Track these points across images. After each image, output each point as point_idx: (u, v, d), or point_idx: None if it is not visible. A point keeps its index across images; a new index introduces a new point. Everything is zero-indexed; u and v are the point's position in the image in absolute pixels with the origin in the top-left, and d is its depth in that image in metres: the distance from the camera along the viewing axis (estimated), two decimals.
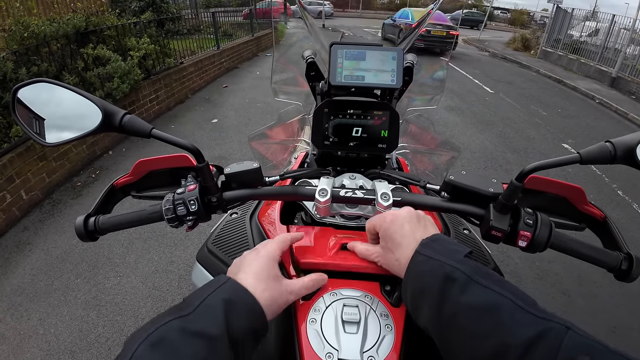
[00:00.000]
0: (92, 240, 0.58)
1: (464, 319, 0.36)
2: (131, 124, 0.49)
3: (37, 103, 0.48)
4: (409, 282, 0.43)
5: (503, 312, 0.35)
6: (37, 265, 2.18)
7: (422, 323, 0.42)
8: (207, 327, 0.37)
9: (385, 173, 0.71)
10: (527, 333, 0.32)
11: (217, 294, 0.41)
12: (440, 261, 0.41)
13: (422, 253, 0.43)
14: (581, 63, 8.83)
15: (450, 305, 0.37)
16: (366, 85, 0.64)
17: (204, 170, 0.55)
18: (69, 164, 3.07)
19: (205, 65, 5.87)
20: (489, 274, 0.39)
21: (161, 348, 0.34)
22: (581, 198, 0.58)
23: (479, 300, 0.36)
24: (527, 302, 0.35)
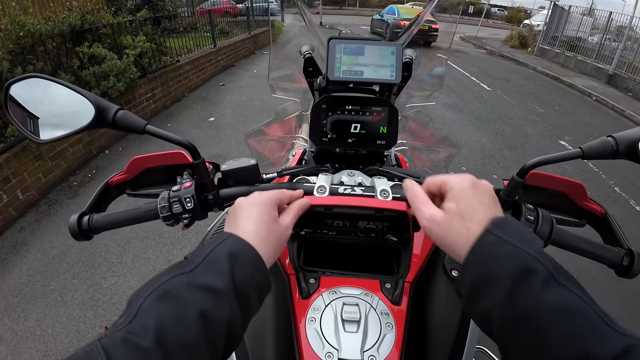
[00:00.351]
0: (86, 240, 0.57)
1: (541, 318, 0.33)
2: (125, 120, 0.48)
3: (29, 99, 0.47)
4: (472, 263, 0.38)
5: (588, 320, 0.32)
6: (34, 266, 2.16)
7: (479, 310, 0.37)
8: (213, 280, 0.37)
9: (384, 169, 0.70)
10: (613, 347, 0.30)
11: (220, 249, 0.40)
12: (519, 247, 0.36)
13: (494, 233, 0.38)
14: (578, 60, 8.85)
15: (526, 300, 0.34)
16: (365, 81, 0.63)
17: (200, 167, 0.54)
18: (65, 163, 3.05)
19: (201, 64, 5.84)
20: (569, 275, 0.35)
21: (168, 300, 0.34)
22: (581, 194, 0.58)
23: (563, 301, 0.33)
24: (605, 314, 0.33)
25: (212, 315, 0.35)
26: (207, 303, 0.35)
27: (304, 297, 0.52)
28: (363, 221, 0.58)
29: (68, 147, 3.07)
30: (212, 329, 0.35)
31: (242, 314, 0.39)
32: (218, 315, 0.35)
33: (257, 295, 0.41)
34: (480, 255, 0.38)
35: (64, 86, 0.47)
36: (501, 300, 0.35)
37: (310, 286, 0.54)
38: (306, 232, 0.64)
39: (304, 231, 0.64)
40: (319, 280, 0.55)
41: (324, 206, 0.55)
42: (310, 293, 0.53)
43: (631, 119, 5.66)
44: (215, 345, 0.35)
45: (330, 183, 0.61)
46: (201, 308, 0.34)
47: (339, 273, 0.58)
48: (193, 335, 0.33)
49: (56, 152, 2.94)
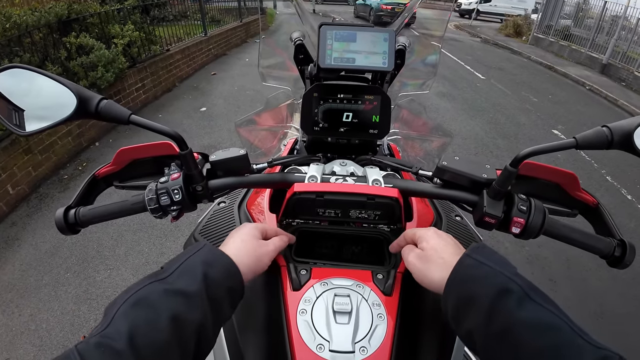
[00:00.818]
0: (73, 233, 0.56)
1: (518, 335, 0.34)
2: (108, 110, 0.47)
3: (11, 91, 0.46)
4: (453, 285, 0.41)
5: (563, 334, 0.34)
6: (27, 261, 2.14)
7: (463, 331, 0.40)
8: (186, 285, 0.39)
9: (377, 159, 0.69)
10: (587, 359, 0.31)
11: (195, 257, 0.42)
12: (494, 269, 0.39)
13: (472, 256, 0.41)
14: (572, 49, 8.84)
15: (503, 318, 0.36)
16: (357, 68, 0.61)
17: (187, 157, 0.53)
18: (55, 156, 3.00)
19: (192, 53, 5.73)
20: (543, 293, 0.37)
21: (142, 305, 0.36)
22: (574, 184, 0.58)
23: (537, 318, 0.35)
24: (580, 328, 0.34)
25: (183, 318, 0.36)
26: (179, 307, 0.37)
27: (295, 288, 0.52)
28: (355, 210, 0.58)
29: (57, 140, 3.01)
30: (182, 332, 0.36)
31: (214, 318, 0.40)
32: (189, 318, 0.37)
33: (229, 300, 0.43)
34: (461, 275, 0.41)
35: (45, 76, 0.46)
36: (481, 320, 0.37)
37: (302, 277, 0.53)
38: (297, 223, 0.63)
39: (295, 222, 0.63)
40: (311, 272, 0.54)
41: (315, 193, 0.54)
42: (302, 284, 0.52)
43: (624, 109, 5.70)
44: (186, 346, 0.37)
45: (321, 173, 0.60)
46: (173, 312, 0.36)
47: (330, 264, 0.58)
48: (163, 336, 0.34)
49: (46, 145, 2.88)
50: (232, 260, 0.44)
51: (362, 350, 0.45)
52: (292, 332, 0.47)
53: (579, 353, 0.32)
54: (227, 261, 0.44)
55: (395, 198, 0.54)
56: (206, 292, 0.39)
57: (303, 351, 0.45)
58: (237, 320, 0.55)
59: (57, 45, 3.31)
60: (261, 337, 0.52)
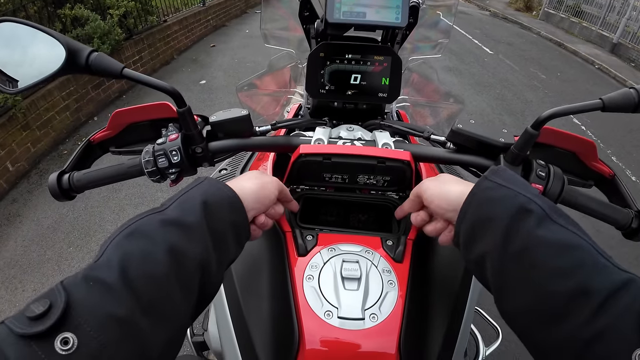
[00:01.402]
0: (68, 199, 0.54)
1: (538, 254, 0.32)
2: (99, 63, 0.43)
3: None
4: (469, 208, 0.39)
5: (586, 254, 0.31)
6: (29, 237, 2.14)
7: (474, 255, 0.38)
8: (183, 215, 0.36)
9: (386, 123, 0.65)
10: (611, 280, 0.29)
11: (195, 190, 0.40)
12: (514, 190, 0.36)
13: (490, 179, 0.39)
14: (583, 27, 8.52)
15: (522, 238, 0.34)
16: (367, 23, 0.56)
17: (186, 115, 0.50)
18: (53, 132, 2.95)
19: (190, 24, 5.52)
20: (565, 214, 0.35)
21: (137, 236, 0.33)
22: (591, 153, 0.55)
23: (558, 237, 0.33)
24: (604, 251, 0.32)
25: (182, 250, 0.33)
26: (177, 238, 0.34)
27: (301, 254, 0.50)
28: (363, 175, 0.55)
29: (55, 115, 2.95)
30: (182, 265, 0.33)
31: (218, 255, 0.37)
32: (189, 251, 0.34)
33: (234, 236, 0.40)
34: (478, 199, 0.38)
35: (32, 28, 0.43)
36: (497, 241, 0.35)
37: (308, 243, 0.51)
38: (302, 189, 0.60)
39: (300, 188, 0.61)
40: (317, 237, 0.52)
41: (322, 155, 0.51)
42: (308, 250, 0.50)
43: None
44: (188, 283, 0.34)
45: (328, 137, 0.57)
46: (170, 243, 0.33)
47: (337, 230, 0.55)
48: (161, 269, 0.31)
49: (44, 120, 2.83)
50: (235, 193, 0.41)
51: (372, 317, 0.43)
52: (298, 299, 0.45)
53: (604, 273, 0.30)
54: (230, 194, 0.41)
55: (407, 162, 0.51)
56: (207, 224, 0.36)
57: (310, 318, 0.43)
58: (240, 287, 0.54)
59: (52, 18, 3.20)
60: (265, 303, 0.50)
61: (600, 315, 0.28)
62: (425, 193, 0.45)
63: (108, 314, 0.27)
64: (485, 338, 0.93)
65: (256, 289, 0.53)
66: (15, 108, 2.49)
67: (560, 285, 0.31)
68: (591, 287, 0.29)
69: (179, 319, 0.33)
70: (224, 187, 0.42)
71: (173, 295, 0.32)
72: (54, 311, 0.25)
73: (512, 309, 0.35)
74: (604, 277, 0.30)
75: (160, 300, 0.30)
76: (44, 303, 0.25)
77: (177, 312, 0.32)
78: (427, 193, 0.45)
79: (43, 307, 0.25)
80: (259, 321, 0.49)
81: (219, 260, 0.38)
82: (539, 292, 0.32)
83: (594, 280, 0.30)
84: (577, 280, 0.30)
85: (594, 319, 0.28)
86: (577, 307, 0.29)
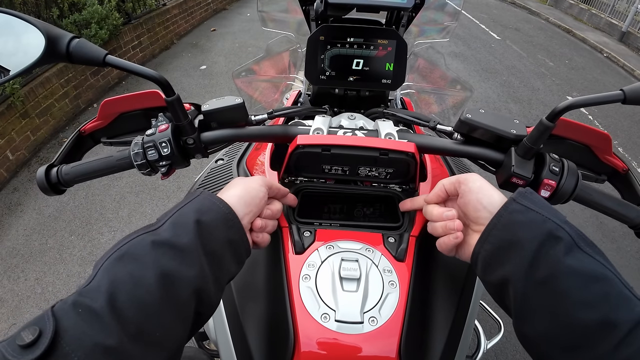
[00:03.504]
0: (57, 193, 0.52)
1: (565, 283, 0.32)
2: (80, 50, 0.40)
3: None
4: (494, 229, 0.38)
5: (612, 286, 0.31)
6: (30, 226, 2.14)
7: (495, 278, 0.37)
8: (176, 237, 0.34)
9: (389, 112, 0.62)
10: (635, 313, 0.30)
11: (188, 207, 0.38)
12: (543, 215, 0.35)
13: (519, 202, 0.37)
14: (592, 14, 8.30)
15: (550, 266, 0.33)
16: (371, 4, 0.52)
17: (174, 104, 0.47)
18: (52, 120, 2.92)
19: (190, 7, 5.40)
20: (592, 243, 0.34)
21: (127, 259, 0.31)
22: (606, 147, 0.52)
23: (586, 267, 0.32)
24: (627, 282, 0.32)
25: (174, 274, 0.31)
26: (169, 261, 0.32)
27: (298, 252, 0.47)
28: (364, 167, 0.52)
29: (54, 102, 2.92)
30: (175, 291, 0.31)
31: (215, 276, 0.35)
32: (183, 275, 0.32)
33: (232, 254, 0.38)
34: (504, 221, 0.37)
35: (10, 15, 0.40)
36: (523, 265, 0.34)
37: (305, 240, 0.49)
38: (300, 181, 0.58)
39: (298, 180, 0.58)
40: (315, 233, 0.49)
41: (321, 146, 0.48)
42: (305, 247, 0.48)
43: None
44: (182, 308, 0.32)
45: (328, 126, 0.54)
46: (162, 267, 0.31)
47: (337, 225, 0.53)
48: (152, 296, 0.30)
49: (42, 108, 2.79)
50: (229, 207, 0.39)
51: (371, 320, 0.41)
52: (294, 300, 0.43)
53: (628, 305, 0.30)
54: (225, 209, 0.39)
55: (412, 154, 0.48)
56: (201, 245, 0.34)
57: (306, 321, 0.41)
58: (236, 285, 0.52)
59: (50, 4, 3.12)
60: (261, 303, 0.48)
61: (624, 348, 0.29)
62: (474, 182, 0.43)
63: (96, 343, 0.26)
64: (486, 330, 0.92)
65: (252, 288, 0.51)
66: (14, 96, 2.46)
67: (585, 316, 0.31)
68: (615, 319, 0.30)
69: (174, 342, 0.31)
70: (218, 201, 0.39)
71: (165, 321, 0.30)
72: (42, 340, 0.25)
73: (533, 334, 0.34)
74: (628, 310, 0.30)
75: (152, 327, 0.29)
76: (33, 331, 0.25)
77: (171, 336, 0.31)
78: (475, 183, 0.43)
79: (32, 335, 0.25)
80: (254, 321, 0.48)
81: (217, 281, 0.36)
82: (563, 321, 0.32)
83: (618, 313, 0.30)
84: (603, 312, 0.30)
85: (617, 351, 0.29)
86: (601, 338, 0.30)
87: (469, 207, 0.42)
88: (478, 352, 0.87)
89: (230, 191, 0.42)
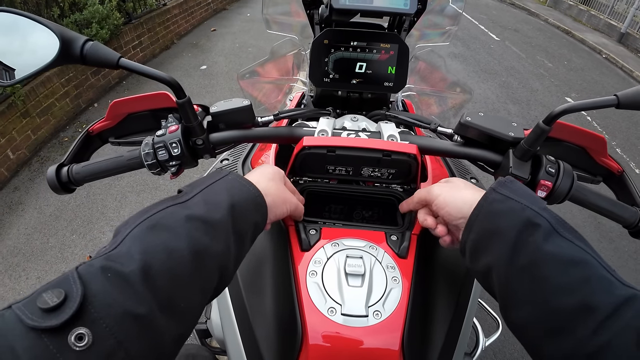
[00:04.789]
0: (67, 192, 0.53)
1: (544, 269, 0.33)
2: (94, 52, 0.42)
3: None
4: (476, 220, 0.39)
5: (591, 270, 0.32)
6: (32, 225, 2.15)
7: (481, 266, 0.38)
8: (209, 214, 0.34)
9: (392, 114, 0.64)
10: (614, 296, 0.30)
11: (220, 183, 0.38)
12: (522, 203, 0.36)
13: (498, 191, 0.38)
14: (591, 15, 8.33)
15: (529, 252, 0.34)
16: (375, 9, 0.54)
17: (185, 106, 0.48)
18: (53, 119, 2.92)
19: (190, 7, 5.41)
20: (572, 229, 0.35)
21: (159, 230, 0.31)
22: (601, 149, 0.54)
23: (564, 252, 0.33)
24: (609, 266, 0.33)
25: (206, 249, 0.32)
26: (202, 236, 0.32)
27: (304, 249, 0.49)
28: (367, 167, 0.54)
29: (55, 102, 2.92)
30: (204, 264, 0.32)
31: (237, 252, 0.37)
32: (212, 250, 0.33)
33: (252, 234, 0.40)
34: (485, 211, 0.38)
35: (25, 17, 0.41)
36: (504, 254, 0.35)
37: (311, 237, 0.50)
38: (305, 181, 0.60)
39: (303, 180, 0.60)
40: (320, 232, 0.51)
41: (326, 148, 0.50)
42: (311, 245, 0.49)
43: (639, 81, 5.45)
44: (207, 282, 0.33)
45: (332, 127, 0.56)
46: (196, 241, 0.32)
47: (341, 224, 0.55)
48: (185, 268, 0.30)
49: (43, 107, 2.80)
50: (261, 193, 0.41)
51: (375, 314, 0.43)
52: (301, 295, 0.45)
53: (608, 289, 0.31)
54: (256, 193, 0.40)
55: (413, 155, 0.50)
56: (232, 225, 0.35)
57: (314, 314, 0.43)
58: (244, 282, 0.53)
59: (50, 3, 3.13)
60: (268, 298, 0.50)
61: (603, 331, 0.29)
62: (437, 199, 0.45)
63: (126, 311, 0.25)
64: (485, 329, 0.93)
65: (259, 284, 0.53)
66: (15, 95, 2.46)
67: (565, 301, 0.31)
68: (595, 303, 0.30)
69: (193, 315, 0.32)
70: (249, 185, 0.41)
71: (191, 294, 0.31)
72: (69, 304, 0.23)
73: (517, 320, 0.35)
74: (607, 293, 0.30)
75: (179, 299, 0.30)
76: (58, 294, 0.23)
77: (192, 309, 0.32)
78: (438, 199, 0.45)
79: (57, 299, 0.23)
80: (262, 316, 0.49)
81: (237, 258, 0.37)
82: (544, 307, 0.32)
83: (598, 296, 0.30)
84: (582, 296, 0.31)
85: (596, 334, 0.29)
86: (581, 322, 0.30)
87: (446, 219, 0.45)
88: (477, 350, 0.89)
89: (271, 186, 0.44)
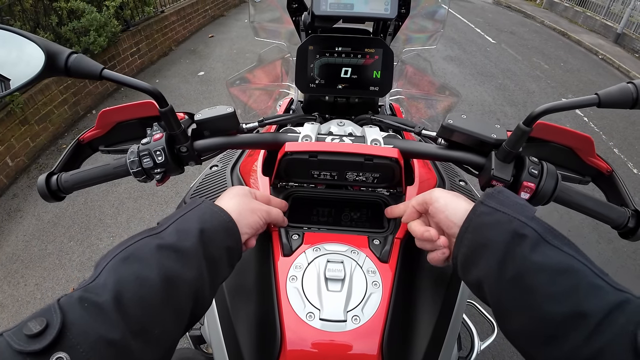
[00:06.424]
0: (57, 200, 0.54)
1: (532, 279, 0.33)
2: (78, 65, 0.42)
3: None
4: (466, 233, 0.39)
5: (580, 277, 0.32)
6: (30, 231, 2.16)
7: (472, 280, 0.38)
8: (180, 241, 0.36)
9: (377, 118, 0.65)
10: (606, 301, 0.30)
11: (191, 213, 0.40)
12: (509, 215, 0.37)
13: (486, 204, 0.39)
14: (587, 16, 8.37)
15: (517, 264, 0.34)
16: (355, 15, 0.55)
17: (168, 115, 0.49)
18: (52, 126, 2.94)
19: (188, 14, 5.45)
20: (561, 236, 0.35)
21: (132, 260, 0.33)
22: (589, 149, 0.53)
23: (552, 261, 0.33)
24: (601, 270, 0.33)
25: (177, 275, 0.34)
26: (173, 264, 0.34)
27: (286, 254, 0.50)
28: (352, 172, 0.54)
29: (54, 109, 2.94)
30: (176, 291, 0.33)
31: (211, 279, 0.38)
32: (184, 276, 0.34)
33: (227, 259, 0.41)
34: (474, 224, 0.39)
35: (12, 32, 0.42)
36: (493, 267, 0.35)
37: (293, 242, 0.51)
38: (291, 186, 0.60)
39: (289, 185, 0.60)
40: (303, 237, 0.52)
41: (308, 153, 0.51)
42: (293, 250, 0.50)
43: None
44: (181, 308, 0.34)
45: (316, 133, 0.57)
46: (165, 268, 0.33)
47: (325, 229, 0.55)
48: (155, 294, 0.32)
49: (42, 115, 2.82)
50: (231, 218, 0.42)
51: (354, 319, 0.43)
52: (281, 300, 0.45)
53: (599, 294, 0.31)
54: (226, 218, 0.42)
55: (395, 159, 0.50)
56: (203, 251, 0.37)
57: (292, 319, 0.43)
58: (228, 287, 0.54)
59: (48, 11, 3.16)
60: (251, 304, 0.51)
61: (596, 337, 0.29)
62: (437, 202, 0.44)
63: (100, 337, 0.28)
64: (481, 332, 0.93)
65: (243, 290, 0.53)
66: (13, 103, 2.48)
67: (556, 309, 0.31)
68: (586, 309, 0.30)
69: (169, 340, 0.33)
70: (220, 211, 0.42)
71: (165, 320, 0.32)
72: (50, 331, 0.26)
73: (511, 330, 0.36)
74: (598, 299, 0.30)
75: (152, 324, 0.31)
76: (40, 322, 0.27)
77: (168, 334, 0.33)
78: (439, 202, 0.44)
79: (40, 326, 0.26)
80: (245, 321, 0.50)
81: (212, 283, 0.38)
82: (536, 316, 0.32)
83: (589, 303, 0.30)
84: (573, 304, 0.31)
85: (590, 341, 0.29)
86: (573, 329, 0.30)
87: (441, 225, 0.44)
88: (472, 353, 0.89)
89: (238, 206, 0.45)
